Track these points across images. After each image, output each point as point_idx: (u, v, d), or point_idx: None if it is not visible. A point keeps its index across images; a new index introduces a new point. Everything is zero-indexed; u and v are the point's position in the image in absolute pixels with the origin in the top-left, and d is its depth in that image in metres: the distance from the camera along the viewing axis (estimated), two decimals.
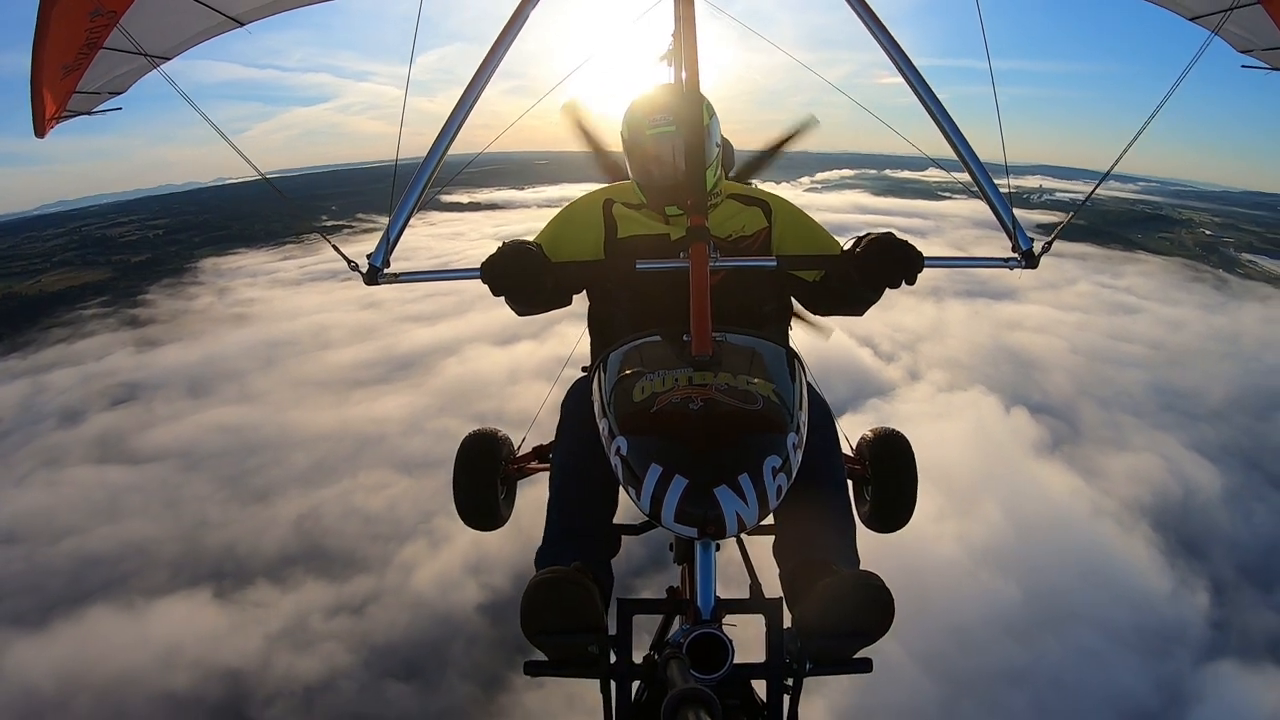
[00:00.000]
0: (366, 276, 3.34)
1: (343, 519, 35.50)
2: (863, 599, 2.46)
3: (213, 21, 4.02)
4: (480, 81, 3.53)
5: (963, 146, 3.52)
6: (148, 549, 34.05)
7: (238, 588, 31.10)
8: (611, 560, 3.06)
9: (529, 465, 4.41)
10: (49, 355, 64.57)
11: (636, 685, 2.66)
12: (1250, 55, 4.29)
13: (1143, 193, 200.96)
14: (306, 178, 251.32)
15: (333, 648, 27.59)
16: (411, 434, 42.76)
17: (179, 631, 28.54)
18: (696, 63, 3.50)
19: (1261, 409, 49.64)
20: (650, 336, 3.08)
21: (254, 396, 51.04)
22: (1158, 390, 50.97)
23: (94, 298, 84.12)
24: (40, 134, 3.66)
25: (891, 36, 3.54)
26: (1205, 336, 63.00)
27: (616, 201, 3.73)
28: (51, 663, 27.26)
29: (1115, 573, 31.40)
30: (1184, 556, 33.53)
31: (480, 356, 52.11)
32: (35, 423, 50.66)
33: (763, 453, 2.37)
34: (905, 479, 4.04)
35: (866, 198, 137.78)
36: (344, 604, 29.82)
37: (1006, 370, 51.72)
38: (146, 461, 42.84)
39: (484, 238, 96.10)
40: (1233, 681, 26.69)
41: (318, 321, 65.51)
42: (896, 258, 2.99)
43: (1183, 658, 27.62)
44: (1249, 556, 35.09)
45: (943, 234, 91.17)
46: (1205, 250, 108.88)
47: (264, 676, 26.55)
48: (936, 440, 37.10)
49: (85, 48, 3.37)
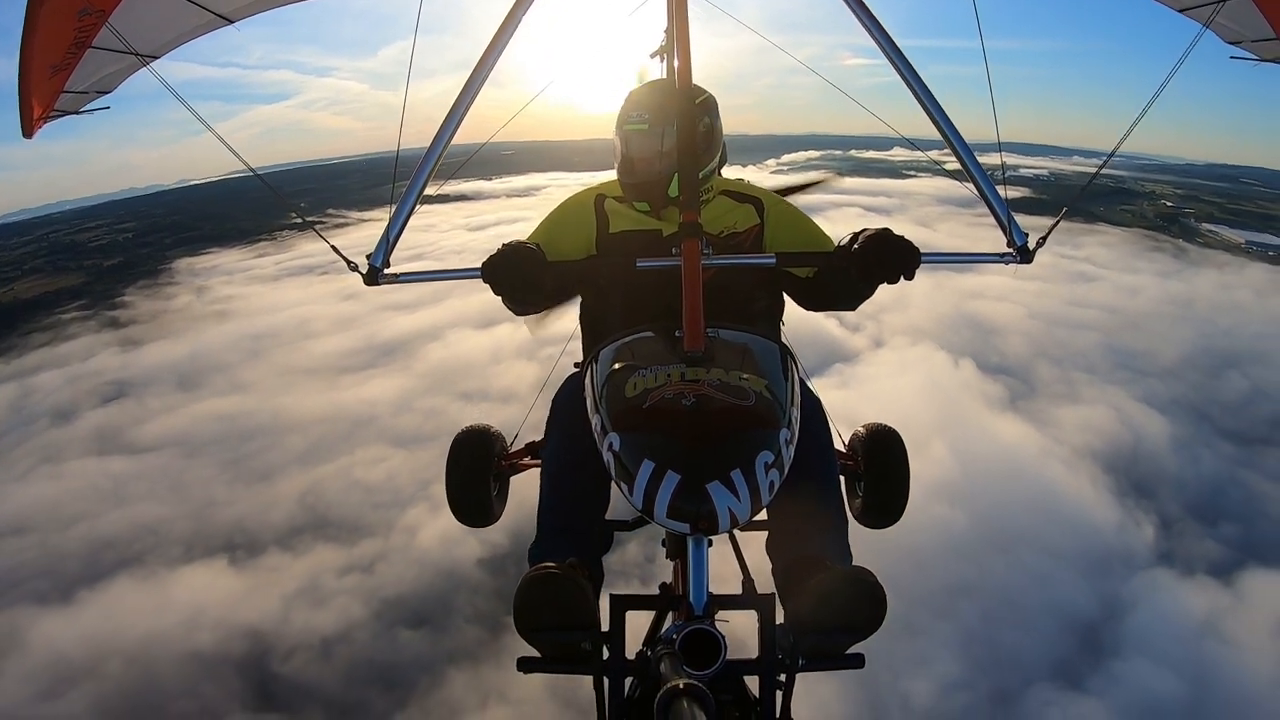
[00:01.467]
0: (367, 277, 3.38)
1: (345, 491, 37.55)
2: (855, 595, 2.50)
3: (202, 19, 4.07)
4: (479, 77, 3.52)
5: (957, 141, 3.52)
6: (159, 529, 35.89)
7: (251, 557, 33.18)
8: (604, 556, 3.12)
9: (521, 462, 4.51)
10: (32, 359, 65.58)
11: (630, 681, 2.73)
12: (1239, 47, 4.34)
13: (1108, 167, 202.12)
14: (271, 176, 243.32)
15: (346, 602, 29.84)
16: (402, 413, 44.85)
17: (200, 597, 30.69)
18: (689, 58, 3.50)
19: (1214, 367, 52.82)
20: (642, 332, 3.13)
21: (244, 386, 52.68)
22: (1112, 350, 53.74)
23: (70, 302, 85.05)
24: (28, 134, 3.71)
25: (878, 22, 3.52)
26: (1161, 301, 65.96)
27: (608, 197, 3.80)
28: (80, 632, 29.14)
29: (1062, 507, 34.16)
30: (1132, 496, 36.45)
31: (462, 340, 53.90)
32: (28, 423, 51.66)
33: (755, 448, 2.41)
34: (898, 475, 4.15)
35: (832, 178, 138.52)
36: (353, 564, 32.00)
37: (967, 335, 53.68)
38: (146, 451, 44.39)
39: (455, 228, 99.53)
40: (1166, 591, 29.66)
41: (299, 314, 67.01)
42: (894, 254, 3.01)
43: (1123, 575, 30.56)
44: (1195, 496, 38.02)
45: (907, 211, 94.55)
46: (1166, 221, 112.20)
47: (283, 632, 28.77)
48: (891, 391, 40.13)
49: (74, 47, 3.40)
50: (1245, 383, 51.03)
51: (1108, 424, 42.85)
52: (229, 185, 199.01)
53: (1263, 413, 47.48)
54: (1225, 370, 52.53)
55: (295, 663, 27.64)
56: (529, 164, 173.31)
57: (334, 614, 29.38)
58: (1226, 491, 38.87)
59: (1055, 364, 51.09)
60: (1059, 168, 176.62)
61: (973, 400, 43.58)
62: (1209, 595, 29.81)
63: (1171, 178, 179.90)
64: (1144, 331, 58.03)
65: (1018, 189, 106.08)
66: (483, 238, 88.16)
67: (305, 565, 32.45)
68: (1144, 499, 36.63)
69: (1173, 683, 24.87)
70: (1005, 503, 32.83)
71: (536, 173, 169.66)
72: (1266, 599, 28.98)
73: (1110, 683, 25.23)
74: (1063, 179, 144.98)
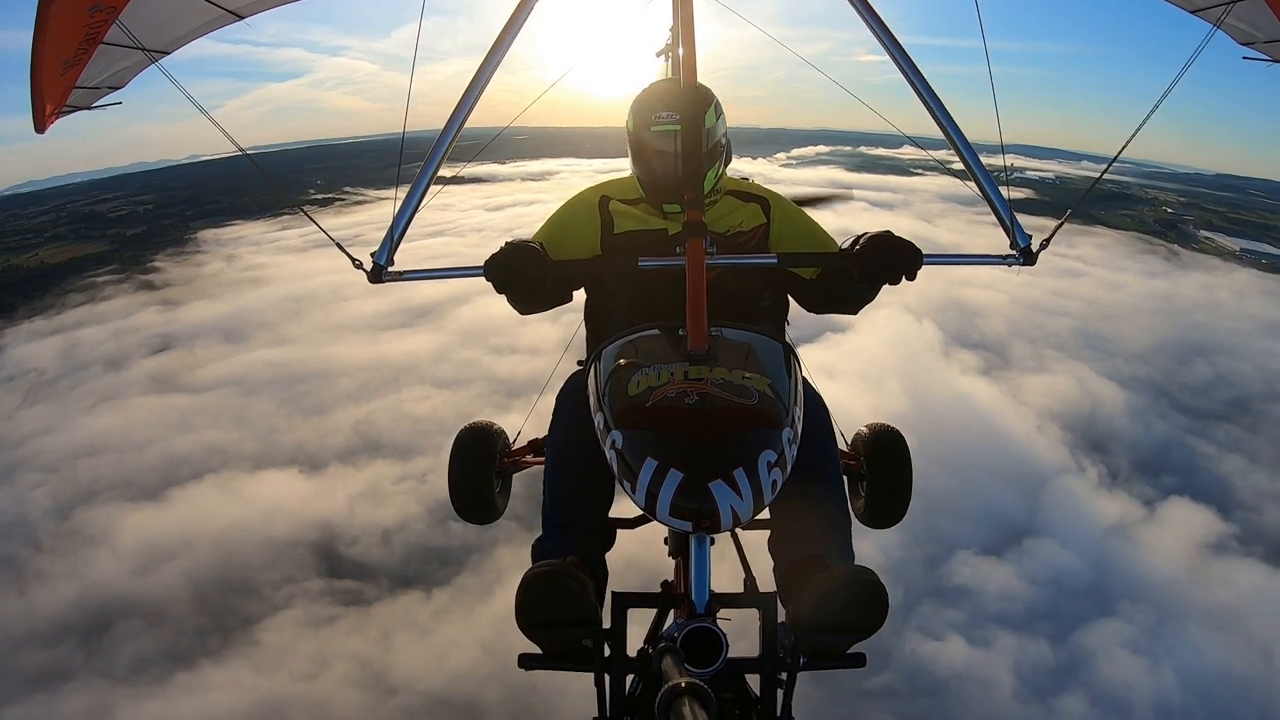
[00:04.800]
0: (371, 275, 3.53)
1: (395, 422, 43.15)
2: (856, 595, 2.54)
3: (211, 15, 4.20)
4: (486, 72, 3.66)
5: (961, 142, 3.62)
6: (227, 449, 41.43)
7: (316, 470, 38.91)
8: (606, 554, 3.14)
9: (524, 459, 4.72)
10: (73, 316, 69.08)
11: (631, 679, 2.79)
12: (1251, 48, 4.38)
13: (1113, 172, 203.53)
14: (284, 154, 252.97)
15: (403, 501, 35.61)
16: (441, 362, 50.48)
17: (274, 497, 36.58)
18: (695, 58, 3.57)
19: (1181, 355, 56.85)
20: (646, 330, 3.19)
21: (289, 340, 57.62)
22: (1085, 334, 58.28)
23: (100, 268, 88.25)
24: (40, 129, 3.80)
25: (881, 20, 3.61)
26: (1141, 296, 69.70)
27: (613, 198, 3.86)
28: (167, 524, 34.99)
29: (1013, 448, 39.44)
30: (1084, 449, 41.51)
31: (489, 304, 56.98)
32: (81, 369, 55.73)
33: (758, 447, 2.48)
34: (900, 475, 4.37)
35: (841, 173, 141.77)
36: (408, 475, 37.58)
37: (951, 315, 57.09)
38: (204, 390, 49.40)
39: (473, 208, 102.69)
40: (1089, 500, 35.77)
41: (332, 281, 68.31)
42: (896, 256, 3.13)
43: (1056, 493, 36.26)
44: (1143, 454, 43.00)
45: (911, 207, 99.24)
46: (1164, 226, 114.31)
47: (349, 523, 34.80)
48: (860, 346, 44.95)
49: (85, 43, 3.48)
50: (1210, 370, 55.04)
51: (1070, 391, 47.62)
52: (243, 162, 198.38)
53: (1222, 395, 51.74)
54: (1192, 358, 56.29)
55: (361, 547, 33.51)
56: (541, 149, 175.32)
57: (393, 510, 35.18)
58: (1172, 452, 43.62)
59: (1029, 342, 55.86)
60: (1066, 171, 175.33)
61: (932, 352, 48.78)
62: (1126, 508, 35.70)
63: (1177, 185, 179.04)
64: (1119, 321, 62.05)
65: (1022, 190, 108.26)
66: (501, 218, 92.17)
67: (365, 476, 38.12)
68: (1094, 453, 41.58)
69: (1075, 562, 30.96)
70: (958, 436, 37.44)
71: (549, 158, 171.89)
72: (1183, 519, 34.83)
73: (1021, 554, 31.25)
74: (1067, 182, 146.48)
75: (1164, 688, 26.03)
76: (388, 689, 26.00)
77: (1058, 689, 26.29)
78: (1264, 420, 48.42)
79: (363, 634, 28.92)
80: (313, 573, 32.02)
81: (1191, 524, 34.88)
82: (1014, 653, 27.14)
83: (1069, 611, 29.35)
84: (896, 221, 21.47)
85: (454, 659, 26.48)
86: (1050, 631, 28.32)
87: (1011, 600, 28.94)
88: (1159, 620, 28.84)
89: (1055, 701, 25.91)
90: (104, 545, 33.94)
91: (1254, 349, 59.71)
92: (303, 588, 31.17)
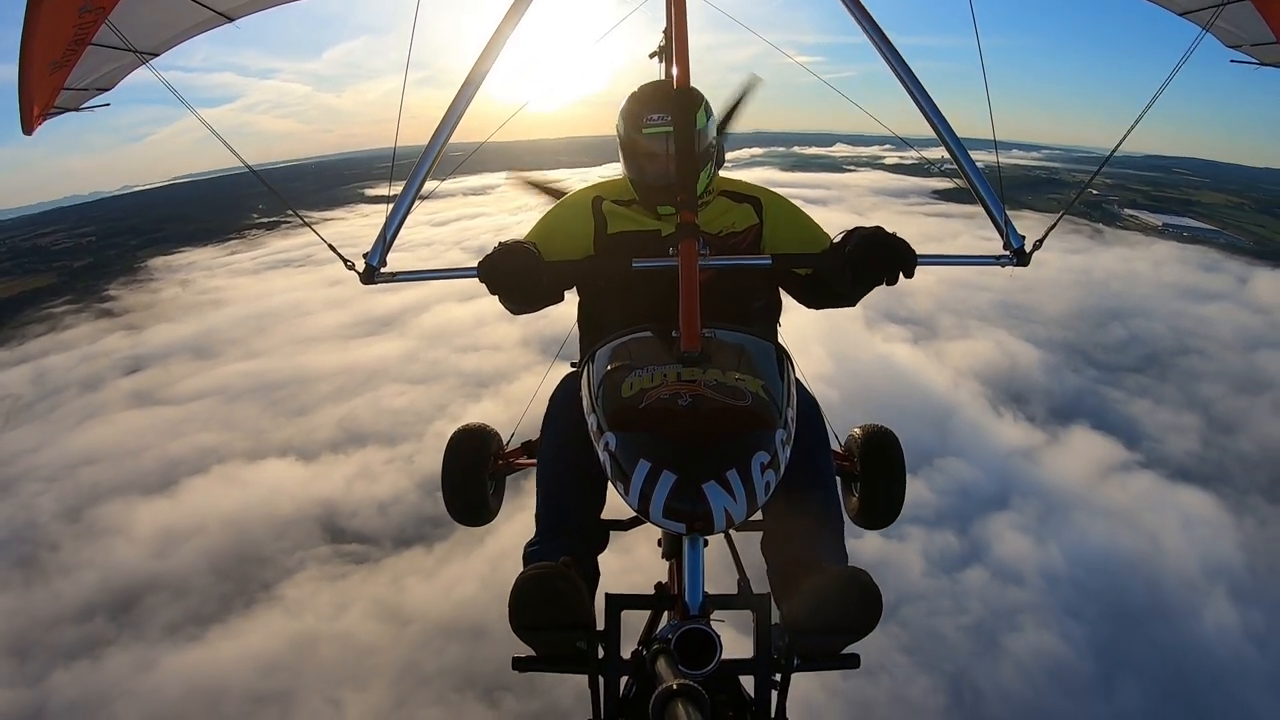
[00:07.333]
0: (363, 276, 3.53)
1: (376, 415, 47.23)
2: (850, 596, 2.58)
3: (201, 17, 4.24)
4: (478, 77, 3.69)
5: (953, 141, 3.65)
6: (220, 449, 45.03)
7: (309, 459, 42.95)
8: (599, 555, 3.21)
9: (517, 461, 4.74)
10: (36, 345, 70.60)
11: (625, 680, 2.84)
12: (1239, 50, 4.49)
13: (1043, 160, 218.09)
14: (218, 180, 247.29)
15: (394, 478, 39.81)
16: (410, 363, 54.59)
17: (275, 481, 40.73)
18: (687, 59, 3.66)
19: (1097, 319, 62.75)
20: (639, 332, 3.20)
21: (261, 353, 60.84)
22: (1004, 305, 62.98)
23: (54, 299, 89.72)
24: (28, 131, 3.81)
25: (873, 19, 3.65)
26: (1060, 270, 74.01)
27: (606, 199, 3.92)
28: (178, 512, 38.74)
29: (934, 401, 44.71)
30: (1002, 401, 46.82)
31: (447, 311, 62.48)
32: (56, 392, 57.36)
33: (751, 449, 2.49)
34: (894, 476, 4.40)
35: (776, 173, 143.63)
36: (396, 457, 41.78)
37: (879, 294, 62.14)
38: (188, 401, 52.50)
39: (418, 224, 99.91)
40: (996, 429, 41.79)
41: (292, 299, 74.30)
42: (890, 255, 3.14)
43: (968, 429, 41.94)
44: (1058, 402, 48.69)
45: (844, 202, 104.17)
46: (1090, 207, 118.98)
47: (347, 499, 38.96)
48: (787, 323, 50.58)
49: (74, 44, 3.48)
50: (1124, 331, 60.96)
51: (989, 353, 53.19)
52: (175, 190, 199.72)
53: (1135, 351, 57.83)
54: (1108, 322, 62.27)
55: (361, 518, 37.75)
56: (479, 165, 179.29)
57: (386, 486, 39.38)
58: (1085, 399, 49.33)
59: (953, 315, 60.79)
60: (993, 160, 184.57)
61: (857, 321, 52.24)
62: (1031, 436, 41.70)
63: (1106, 168, 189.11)
64: (1037, 292, 66.10)
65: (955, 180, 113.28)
66: (446, 232, 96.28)
67: (356, 460, 42.34)
68: (1012, 403, 47.03)
69: (980, 476, 36.86)
70: (882, 390, 42.51)
71: (488, 172, 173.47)
72: (1085, 446, 40.88)
73: (932, 470, 36.80)
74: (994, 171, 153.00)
75: (1050, 561, 32.22)
76: (403, 620, 30.51)
77: (962, 566, 32.12)
78: (1173, 370, 54.23)
79: (375, 582, 33.31)
80: (320, 541, 36.22)
81: (1093, 449, 40.97)
82: (922, 542, 32.74)
83: (972, 514, 35.14)
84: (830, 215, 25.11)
85: (459, 591, 31.02)
86: (955, 527, 34.04)
87: (922, 507, 34.08)
88: (1047, 510, 35.01)
89: (960, 575, 31.67)
90: (120, 536, 37.16)
91: (1167, 310, 65.60)
92: (313, 553, 35.31)
